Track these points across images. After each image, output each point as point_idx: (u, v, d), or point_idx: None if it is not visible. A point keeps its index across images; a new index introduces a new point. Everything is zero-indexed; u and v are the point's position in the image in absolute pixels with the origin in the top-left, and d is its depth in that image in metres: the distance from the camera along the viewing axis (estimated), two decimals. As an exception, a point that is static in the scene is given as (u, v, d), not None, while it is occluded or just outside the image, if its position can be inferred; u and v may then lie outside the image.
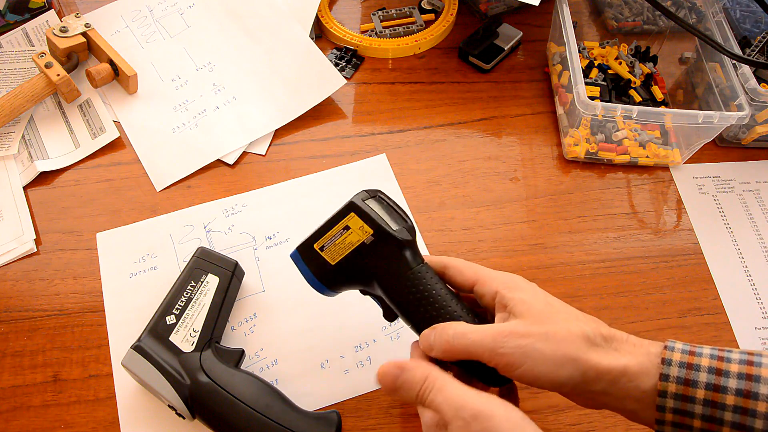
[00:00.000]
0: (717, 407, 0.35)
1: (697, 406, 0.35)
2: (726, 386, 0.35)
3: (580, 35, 0.77)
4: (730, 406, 0.34)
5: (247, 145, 0.66)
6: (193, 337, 0.49)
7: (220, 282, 0.52)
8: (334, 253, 0.44)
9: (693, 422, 0.35)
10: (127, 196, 0.62)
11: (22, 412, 0.50)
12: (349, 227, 0.43)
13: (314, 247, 0.44)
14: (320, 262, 0.44)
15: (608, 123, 0.64)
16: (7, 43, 0.73)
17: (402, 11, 0.78)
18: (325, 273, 0.45)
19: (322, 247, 0.44)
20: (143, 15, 0.75)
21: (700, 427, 0.35)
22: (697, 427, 0.36)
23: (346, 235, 0.43)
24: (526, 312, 0.38)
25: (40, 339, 0.54)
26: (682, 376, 0.36)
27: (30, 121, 0.67)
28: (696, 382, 0.35)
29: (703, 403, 0.35)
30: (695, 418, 0.35)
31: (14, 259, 0.58)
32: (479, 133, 0.68)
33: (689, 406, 0.35)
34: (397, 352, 0.53)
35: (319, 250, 0.44)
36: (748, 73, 0.61)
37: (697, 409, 0.35)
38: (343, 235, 0.44)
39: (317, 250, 0.44)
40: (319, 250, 0.44)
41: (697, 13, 0.70)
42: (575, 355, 0.36)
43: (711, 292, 0.58)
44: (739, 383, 0.35)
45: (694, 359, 0.36)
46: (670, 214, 0.63)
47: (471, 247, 0.60)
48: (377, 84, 0.72)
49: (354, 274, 0.44)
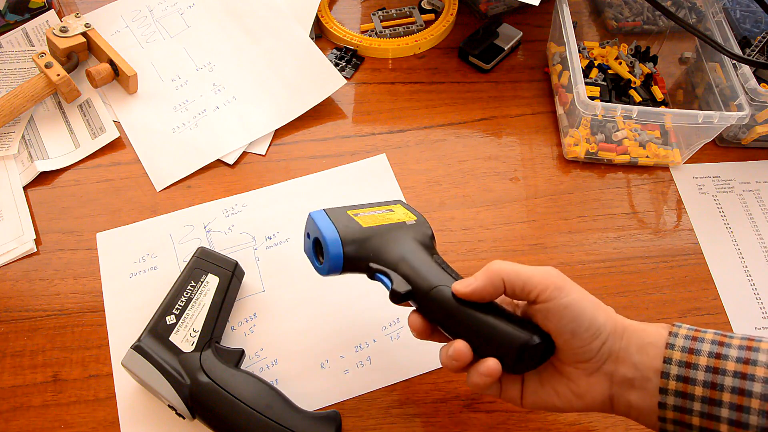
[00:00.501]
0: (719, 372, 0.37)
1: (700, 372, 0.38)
2: (727, 354, 0.37)
3: (580, 35, 0.77)
4: (730, 371, 0.37)
5: (247, 145, 0.66)
6: (193, 337, 0.49)
7: (220, 282, 0.52)
8: (369, 220, 0.44)
9: (695, 390, 0.37)
10: (127, 196, 0.63)
11: (22, 412, 0.50)
12: (393, 210, 0.47)
13: (347, 212, 0.45)
14: (349, 223, 0.43)
15: (608, 123, 0.64)
16: (7, 43, 0.73)
17: (402, 11, 0.78)
18: (350, 234, 0.43)
19: (357, 214, 0.45)
20: (143, 15, 0.75)
21: (702, 394, 0.37)
22: (698, 394, 0.38)
23: (388, 213, 0.46)
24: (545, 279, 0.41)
25: (40, 339, 0.54)
26: (687, 345, 0.38)
27: (30, 121, 0.67)
28: (699, 351, 0.38)
29: (706, 369, 0.37)
30: (697, 385, 0.38)
31: (14, 259, 0.58)
32: (479, 133, 0.68)
33: (692, 373, 0.38)
34: (397, 352, 0.54)
35: (353, 215, 0.44)
36: (748, 73, 0.61)
37: (700, 376, 0.37)
38: (385, 213, 0.46)
39: (349, 214, 0.45)
40: (352, 215, 0.44)
41: (697, 13, 0.70)
42: (608, 312, 0.41)
43: (711, 292, 0.58)
44: (740, 353, 0.37)
45: (699, 334, 0.39)
46: (670, 214, 0.63)
47: (471, 247, 0.60)
48: (377, 84, 0.72)
49: (380, 244, 0.43)
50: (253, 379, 0.48)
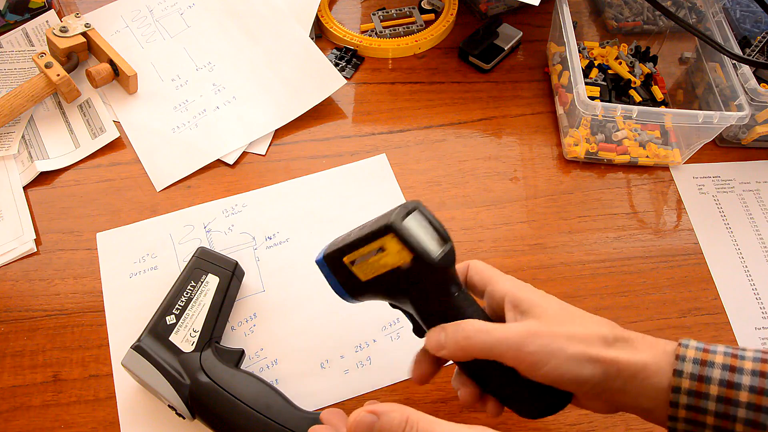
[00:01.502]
0: (731, 404, 0.35)
1: (711, 402, 0.35)
2: (740, 383, 0.34)
3: (580, 35, 0.77)
4: (743, 403, 0.34)
5: (247, 145, 0.66)
6: (193, 337, 0.49)
7: (220, 282, 0.52)
8: (366, 270, 0.40)
9: (706, 419, 0.35)
10: (127, 196, 0.62)
11: (22, 412, 0.50)
12: (385, 249, 0.39)
13: (343, 260, 0.41)
14: (349, 276, 0.41)
15: (608, 123, 0.64)
16: (7, 43, 0.73)
17: (402, 11, 0.78)
18: (354, 286, 0.42)
19: (353, 262, 0.41)
20: (143, 15, 0.75)
21: (714, 423, 0.35)
22: (710, 423, 0.35)
23: (381, 255, 0.39)
24: (543, 314, 0.39)
25: (40, 339, 0.54)
26: (695, 372, 0.35)
27: (30, 121, 0.67)
28: (710, 378, 0.35)
29: (717, 399, 0.35)
30: (708, 415, 0.35)
31: (14, 259, 0.58)
32: (479, 133, 0.68)
33: (702, 403, 0.35)
34: (396, 352, 0.54)
35: (349, 264, 0.41)
36: (748, 73, 0.61)
37: (711, 406, 0.35)
38: (378, 255, 0.39)
39: (347, 264, 0.41)
40: (349, 264, 0.41)
41: (697, 13, 0.70)
42: (597, 354, 0.37)
43: (711, 292, 0.58)
44: (753, 380, 0.34)
45: (708, 356, 0.36)
46: (670, 214, 0.63)
47: (471, 247, 0.60)
48: (377, 84, 0.72)
49: (386, 292, 0.41)
50: (254, 379, 0.48)
